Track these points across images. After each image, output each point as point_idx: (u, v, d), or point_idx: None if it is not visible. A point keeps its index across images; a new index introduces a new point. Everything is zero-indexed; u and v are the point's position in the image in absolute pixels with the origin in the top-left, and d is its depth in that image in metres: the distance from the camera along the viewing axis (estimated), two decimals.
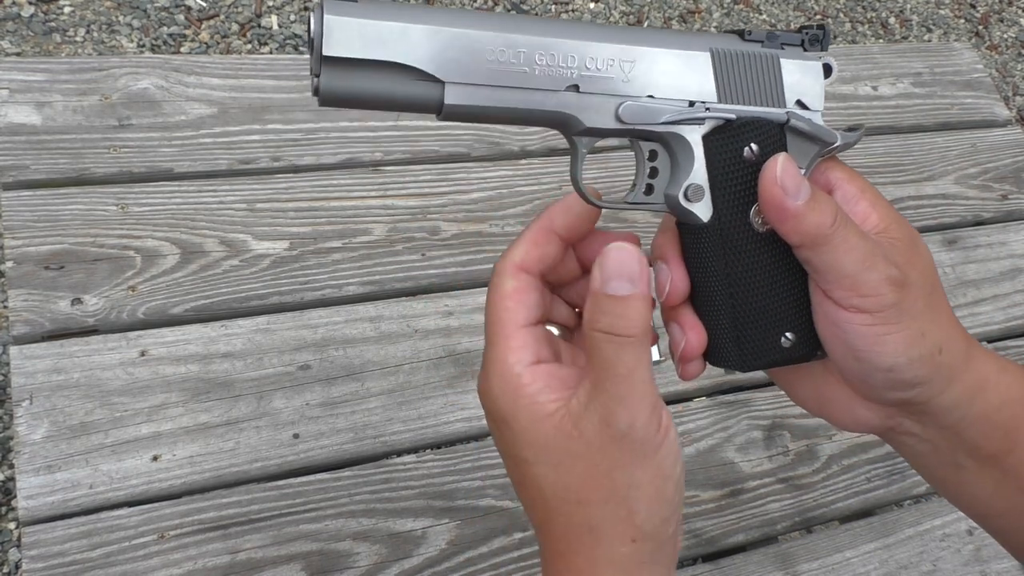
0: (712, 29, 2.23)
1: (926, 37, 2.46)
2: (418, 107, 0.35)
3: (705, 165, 0.38)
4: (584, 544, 0.37)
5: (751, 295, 0.40)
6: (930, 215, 1.02)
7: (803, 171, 0.39)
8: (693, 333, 0.41)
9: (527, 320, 0.38)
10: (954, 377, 0.40)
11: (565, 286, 0.43)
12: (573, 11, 2.13)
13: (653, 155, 0.40)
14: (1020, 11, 2.63)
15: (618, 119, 0.37)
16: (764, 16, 2.32)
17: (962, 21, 2.53)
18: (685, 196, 0.39)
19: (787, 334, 0.40)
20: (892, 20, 2.46)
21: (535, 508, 0.38)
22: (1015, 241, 1.03)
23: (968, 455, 0.42)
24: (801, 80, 0.40)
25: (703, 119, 0.38)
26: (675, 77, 0.38)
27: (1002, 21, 2.58)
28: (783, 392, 0.46)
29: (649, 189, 0.40)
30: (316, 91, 0.34)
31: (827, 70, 0.41)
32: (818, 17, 2.38)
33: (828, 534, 0.80)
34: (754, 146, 0.38)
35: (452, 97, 0.35)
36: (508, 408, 0.36)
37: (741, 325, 0.40)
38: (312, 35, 0.33)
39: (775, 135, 0.39)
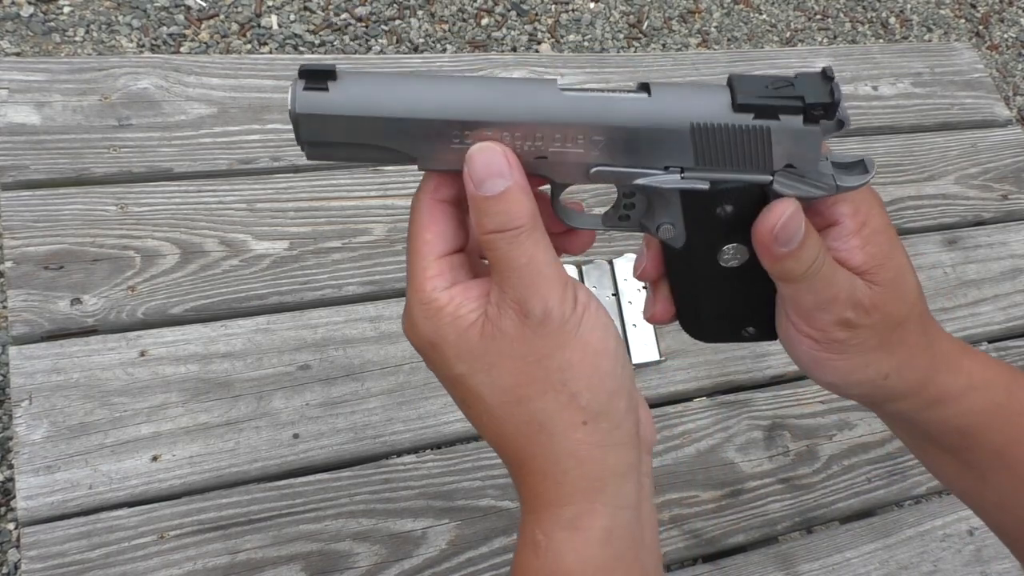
0: (712, 29, 2.23)
1: (926, 37, 2.46)
2: (400, 163, 0.37)
3: (680, 212, 0.38)
4: (539, 443, 0.36)
5: (717, 305, 0.42)
6: (930, 215, 1.02)
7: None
8: (661, 307, 0.43)
9: (444, 251, 0.37)
10: (902, 396, 0.42)
11: None
12: (573, 11, 2.13)
13: (630, 194, 0.39)
14: (1020, 11, 2.63)
15: (589, 178, 0.37)
16: (764, 16, 2.32)
17: (962, 21, 2.53)
18: (658, 230, 0.39)
19: (749, 329, 0.43)
20: (892, 20, 2.46)
21: (483, 423, 0.38)
22: (1015, 241, 1.03)
23: (927, 442, 0.45)
24: (792, 149, 0.37)
25: (677, 182, 0.37)
26: (648, 147, 0.36)
27: (1002, 21, 2.58)
28: (783, 393, 0.47)
29: (625, 217, 0.40)
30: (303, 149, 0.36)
31: (839, 125, 0.37)
32: (818, 17, 2.38)
33: (828, 534, 0.80)
34: (728, 207, 0.38)
35: (424, 165, 0.37)
36: (433, 330, 0.36)
37: (705, 319, 0.43)
38: (291, 119, 0.34)
39: (753, 196, 0.38)
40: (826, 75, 0.36)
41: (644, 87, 0.36)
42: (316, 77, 0.34)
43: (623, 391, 0.37)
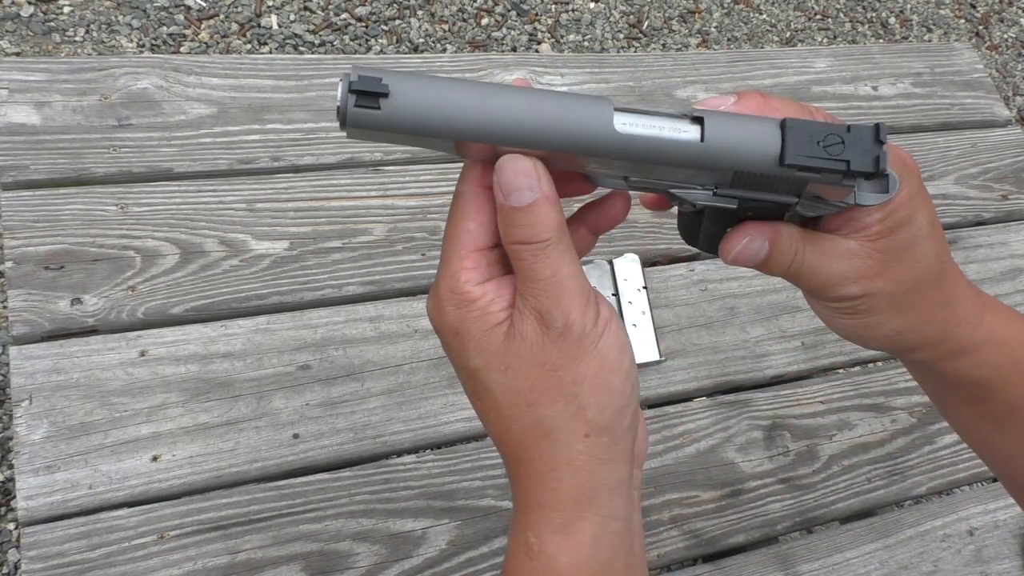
0: (712, 29, 2.23)
1: (926, 37, 2.46)
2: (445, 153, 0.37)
3: (705, 208, 0.40)
4: (541, 448, 0.37)
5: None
6: None
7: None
8: (659, 201, 0.44)
9: (485, 244, 0.38)
10: (917, 348, 0.44)
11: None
12: (573, 11, 2.13)
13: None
14: (1020, 11, 2.63)
15: (626, 185, 0.38)
16: (764, 16, 2.32)
17: (962, 21, 2.53)
18: (681, 204, 0.40)
19: None
20: (892, 20, 2.46)
21: (490, 419, 0.39)
22: (1015, 241, 1.03)
23: (947, 390, 0.47)
24: (825, 192, 0.38)
25: (709, 199, 0.38)
26: (689, 177, 0.37)
27: (1002, 21, 2.58)
28: (783, 392, 0.48)
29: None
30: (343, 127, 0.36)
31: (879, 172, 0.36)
32: (818, 17, 2.38)
33: (828, 534, 0.80)
34: (750, 213, 0.40)
35: (474, 157, 0.37)
36: (459, 320, 0.37)
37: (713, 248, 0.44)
38: (337, 121, 0.34)
39: (775, 212, 0.39)
40: (878, 138, 0.36)
41: (698, 121, 0.36)
42: (368, 97, 0.33)
43: (628, 409, 0.38)
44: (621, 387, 0.37)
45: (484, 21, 2.04)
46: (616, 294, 0.84)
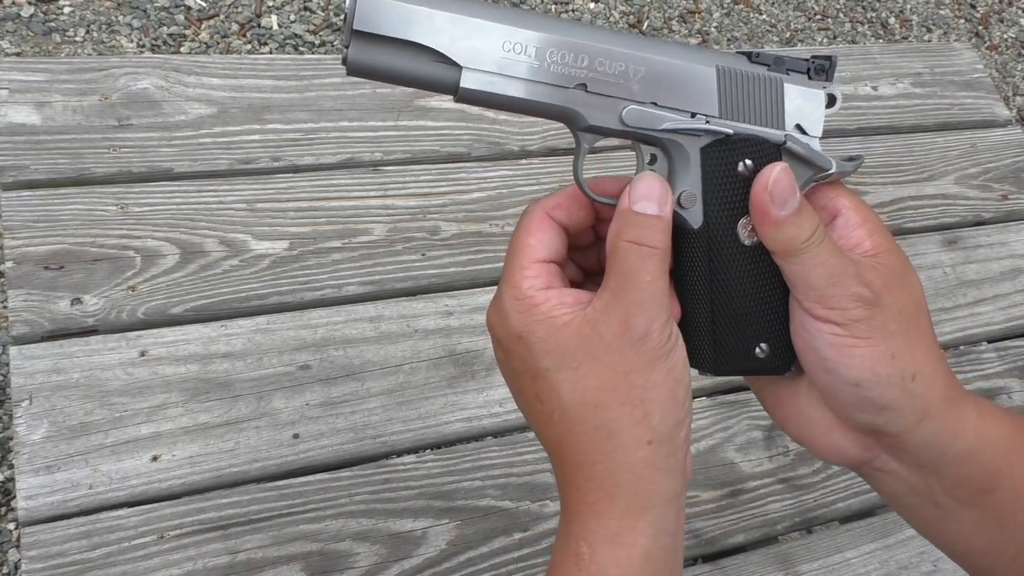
0: (712, 29, 2.23)
1: (926, 37, 2.46)
2: (436, 87, 0.38)
3: (700, 175, 0.40)
4: (602, 451, 0.38)
5: (731, 303, 0.41)
6: (930, 215, 1.02)
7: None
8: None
9: (544, 257, 0.39)
10: (930, 412, 0.40)
11: (581, 249, 0.45)
12: (573, 11, 2.13)
13: (653, 159, 0.41)
14: (1020, 11, 2.63)
15: (621, 121, 0.39)
16: (764, 16, 2.32)
17: (962, 21, 2.53)
18: (678, 202, 0.40)
19: (762, 345, 0.42)
20: (892, 20, 2.46)
21: (552, 423, 0.39)
22: (1015, 241, 1.03)
23: (947, 495, 0.42)
24: (802, 106, 0.41)
25: (702, 131, 0.40)
26: (680, 88, 0.39)
27: (1002, 21, 2.58)
28: None
29: None
30: (344, 60, 0.36)
31: (831, 100, 0.42)
32: (818, 17, 2.38)
33: (828, 534, 0.80)
34: (749, 162, 0.40)
35: (468, 82, 0.37)
36: (523, 324, 0.38)
37: (719, 330, 0.42)
38: (346, 8, 0.35)
39: (771, 154, 0.40)
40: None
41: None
42: None
43: (686, 423, 0.39)
44: (684, 400, 0.39)
45: None
46: None
